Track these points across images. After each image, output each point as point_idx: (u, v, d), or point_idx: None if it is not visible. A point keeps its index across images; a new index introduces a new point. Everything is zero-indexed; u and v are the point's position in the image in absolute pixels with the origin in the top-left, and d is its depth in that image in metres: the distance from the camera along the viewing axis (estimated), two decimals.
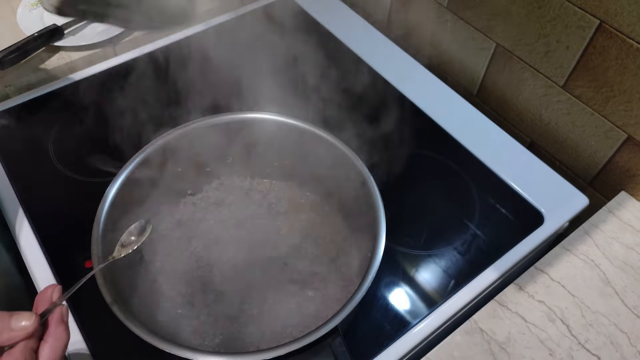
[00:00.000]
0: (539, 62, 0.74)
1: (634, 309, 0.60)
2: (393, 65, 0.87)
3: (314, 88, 0.75)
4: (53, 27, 0.85)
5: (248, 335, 0.56)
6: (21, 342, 0.39)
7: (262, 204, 0.67)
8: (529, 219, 0.69)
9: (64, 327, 0.42)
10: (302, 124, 0.62)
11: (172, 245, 0.63)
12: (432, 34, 0.89)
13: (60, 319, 0.42)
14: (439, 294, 0.62)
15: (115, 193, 0.56)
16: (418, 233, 0.68)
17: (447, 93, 0.84)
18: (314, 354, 0.46)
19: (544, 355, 0.57)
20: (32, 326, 0.40)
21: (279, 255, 0.63)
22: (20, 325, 0.39)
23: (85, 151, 0.73)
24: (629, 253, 0.65)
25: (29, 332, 0.39)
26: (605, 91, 0.68)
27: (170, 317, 0.57)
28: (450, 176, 0.73)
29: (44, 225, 0.66)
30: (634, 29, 0.61)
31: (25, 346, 0.39)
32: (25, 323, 0.39)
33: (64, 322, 0.42)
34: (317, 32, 0.92)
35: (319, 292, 0.59)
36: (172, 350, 0.45)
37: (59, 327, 0.41)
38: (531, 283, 0.62)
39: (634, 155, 0.69)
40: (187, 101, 0.74)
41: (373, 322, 0.59)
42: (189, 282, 0.60)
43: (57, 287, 0.43)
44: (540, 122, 0.78)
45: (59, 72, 0.86)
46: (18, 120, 0.79)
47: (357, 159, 0.59)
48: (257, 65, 0.83)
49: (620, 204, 0.70)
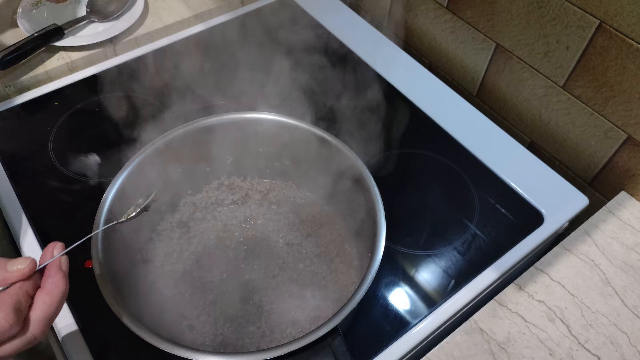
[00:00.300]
0: (539, 62, 0.74)
1: (634, 309, 0.60)
2: (393, 65, 0.87)
3: (314, 88, 0.75)
4: (53, 27, 0.85)
5: (248, 335, 0.57)
6: (17, 283, 0.40)
7: (262, 204, 0.67)
8: (529, 219, 0.69)
9: (61, 275, 0.42)
10: (302, 124, 0.62)
11: (172, 245, 0.63)
12: (432, 34, 0.89)
13: (58, 267, 0.42)
14: (439, 294, 0.62)
15: (115, 193, 0.56)
16: (418, 233, 0.68)
17: (447, 93, 0.84)
18: (314, 354, 0.46)
19: (544, 355, 0.57)
20: (27, 268, 0.41)
21: (279, 255, 0.63)
22: (15, 267, 0.40)
23: (85, 151, 0.73)
24: (629, 253, 0.65)
25: (24, 273, 0.40)
26: (605, 91, 0.68)
27: (171, 317, 0.57)
28: (450, 176, 0.73)
29: (44, 225, 0.66)
30: (634, 29, 0.61)
31: (20, 287, 0.40)
32: (20, 266, 0.41)
33: (62, 271, 0.42)
34: (317, 32, 0.91)
35: (319, 292, 0.59)
36: (172, 350, 0.45)
37: (57, 274, 0.42)
38: (531, 283, 0.62)
39: (633, 155, 0.69)
40: (187, 101, 0.74)
41: (373, 322, 0.59)
42: (189, 282, 0.60)
43: (58, 244, 0.44)
44: (540, 122, 0.78)
45: (59, 72, 0.86)
46: (18, 120, 0.79)
47: (357, 159, 0.59)
48: (257, 66, 0.84)
49: (620, 204, 0.70)
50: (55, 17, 0.91)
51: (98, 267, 0.50)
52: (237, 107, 0.72)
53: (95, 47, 0.88)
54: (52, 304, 0.41)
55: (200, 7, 0.96)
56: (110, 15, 0.92)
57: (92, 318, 0.58)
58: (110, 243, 0.53)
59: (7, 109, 0.79)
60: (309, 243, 0.64)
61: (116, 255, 0.54)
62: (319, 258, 0.62)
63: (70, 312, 0.58)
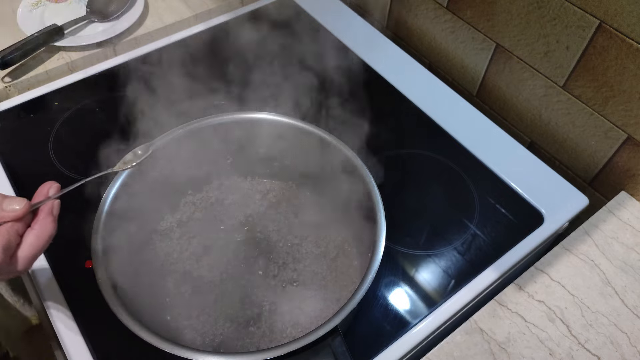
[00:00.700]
0: (539, 62, 0.74)
1: (634, 309, 0.60)
2: (393, 66, 0.87)
3: (313, 88, 0.75)
4: (53, 27, 0.85)
5: (248, 335, 0.57)
6: (8, 222, 0.43)
7: (262, 204, 0.67)
8: (529, 219, 0.69)
9: (51, 219, 0.45)
10: (302, 124, 0.62)
11: (172, 245, 0.63)
12: (431, 34, 0.89)
13: (49, 211, 0.45)
14: (439, 294, 0.62)
15: (115, 193, 0.56)
16: (418, 233, 0.68)
17: (447, 93, 0.84)
18: (314, 354, 0.46)
19: (544, 355, 0.57)
20: (21, 210, 0.43)
21: (279, 255, 0.63)
22: (11, 207, 0.43)
23: (85, 151, 0.73)
24: (629, 253, 0.65)
25: (18, 215, 0.43)
26: (605, 91, 0.68)
27: (171, 317, 0.57)
28: (450, 176, 0.73)
29: None
30: (634, 29, 0.61)
31: (11, 227, 0.43)
32: (15, 206, 0.43)
33: (53, 215, 0.45)
34: (317, 32, 0.91)
35: (319, 292, 0.59)
36: (172, 350, 0.45)
37: (47, 217, 0.45)
38: (531, 283, 0.62)
39: (633, 155, 0.69)
40: (187, 101, 0.74)
41: (373, 322, 0.59)
42: (189, 282, 0.60)
43: (54, 184, 0.47)
44: (540, 122, 0.78)
45: (59, 72, 0.86)
46: (18, 120, 0.79)
47: (356, 159, 0.59)
48: (257, 66, 0.84)
49: (620, 204, 0.70)
50: (55, 17, 0.91)
51: (98, 267, 0.50)
52: (237, 107, 0.72)
53: (95, 47, 0.88)
54: (38, 245, 0.44)
55: (200, 7, 0.96)
56: (110, 15, 0.92)
57: (92, 318, 0.58)
58: (110, 243, 0.53)
59: (7, 109, 0.79)
60: (309, 243, 0.64)
61: (116, 255, 0.54)
62: (319, 258, 0.62)
63: (71, 312, 0.58)
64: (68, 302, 0.59)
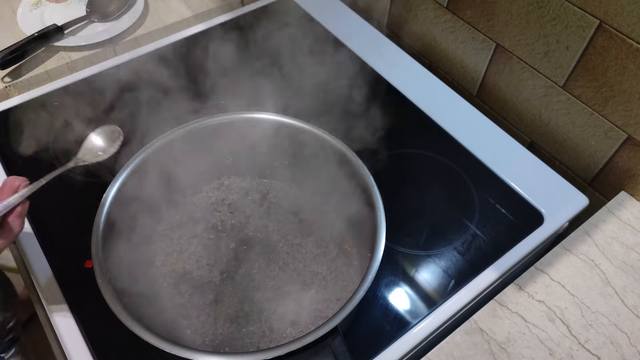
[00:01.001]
0: (539, 62, 0.74)
1: (634, 309, 0.60)
2: (393, 66, 0.87)
3: (313, 88, 0.75)
4: (53, 27, 0.85)
5: (248, 335, 0.57)
6: None
7: (262, 204, 0.67)
8: (529, 219, 0.69)
9: (20, 221, 0.48)
10: (302, 124, 0.62)
11: (172, 245, 0.63)
12: (431, 34, 0.89)
13: (18, 214, 0.48)
14: (439, 294, 0.62)
15: (115, 193, 0.56)
16: (418, 233, 0.68)
17: (447, 93, 0.84)
18: (314, 354, 0.46)
19: (544, 355, 0.57)
20: None
21: (279, 255, 0.63)
22: None
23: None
24: (629, 253, 0.65)
25: None
26: (605, 91, 0.68)
27: (171, 317, 0.57)
28: (450, 176, 0.73)
29: (44, 226, 0.66)
30: (634, 29, 0.61)
31: None
32: None
33: (21, 217, 0.48)
34: (317, 32, 0.91)
35: (319, 292, 0.59)
36: (172, 350, 0.45)
37: (16, 220, 0.48)
38: (531, 283, 0.62)
39: (633, 155, 0.69)
40: (187, 101, 0.74)
41: (373, 322, 0.59)
42: (189, 282, 0.60)
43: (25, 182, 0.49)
44: (540, 122, 0.78)
45: (59, 72, 0.86)
46: (18, 120, 0.78)
47: (357, 159, 0.59)
48: (257, 65, 0.84)
49: (620, 204, 0.70)
50: (55, 17, 0.91)
51: (98, 267, 0.50)
52: (237, 107, 0.72)
53: (95, 47, 0.88)
54: (4, 244, 0.47)
55: (200, 7, 0.96)
56: (110, 15, 0.92)
57: (92, 318, 0.58)
58: (110, 243, 0.53)
59: (7, 109, 0.79)
60: (309, 243, 0.64)
61: (116, 255, 0.54)
62: (319, 258, 0.62)
63: (71, 312, 0.58)
64: (68, 302, 0.59)
